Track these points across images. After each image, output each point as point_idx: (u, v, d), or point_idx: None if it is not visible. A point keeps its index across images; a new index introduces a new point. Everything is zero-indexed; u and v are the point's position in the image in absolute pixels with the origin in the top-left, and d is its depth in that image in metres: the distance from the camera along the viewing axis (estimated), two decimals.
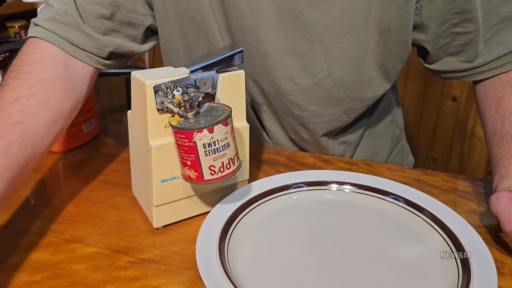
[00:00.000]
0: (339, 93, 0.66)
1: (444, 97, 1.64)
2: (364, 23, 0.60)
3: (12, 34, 1.97)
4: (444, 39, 0.62)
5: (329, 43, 0.61)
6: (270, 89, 0.66)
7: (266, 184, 0.56)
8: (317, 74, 0.64)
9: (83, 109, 0.72)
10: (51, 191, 0.60)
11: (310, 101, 0.66)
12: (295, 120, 0.69)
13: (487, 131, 0.60)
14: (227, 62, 0.50)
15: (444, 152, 1.72)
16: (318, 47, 0.61)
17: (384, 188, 0.56)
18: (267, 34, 0.61)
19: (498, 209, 0.48)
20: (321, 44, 0.61)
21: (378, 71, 0.65)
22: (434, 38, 0.62)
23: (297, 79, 0.64)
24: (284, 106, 0.68)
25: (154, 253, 0.48)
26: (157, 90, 0.46)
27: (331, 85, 0.65)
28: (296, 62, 0.63)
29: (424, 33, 0.62)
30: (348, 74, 0.64)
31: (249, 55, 0.64)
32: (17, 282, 0.44)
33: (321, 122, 0.69)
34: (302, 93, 0.65)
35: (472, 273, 0.42)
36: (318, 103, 0.67)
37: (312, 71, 0.63)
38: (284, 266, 0.45)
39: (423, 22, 0.60)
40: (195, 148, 0.44)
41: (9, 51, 0.72)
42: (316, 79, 0.64)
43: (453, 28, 0.60)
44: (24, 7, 1.83)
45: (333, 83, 0.64)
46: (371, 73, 0.65)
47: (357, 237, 0.50)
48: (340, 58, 0.62)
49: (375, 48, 0.63)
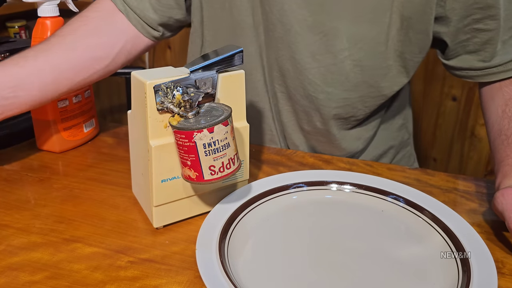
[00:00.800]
0: (357, 77, 0.66)
1: (444, 97, 1.64)
2: (388, 7, 0.60)
3: (12, 34, 1.97)
4: (465, 34, 0.62)
5: (352, 23, 0.61)
6: (289, 67, 0.66)
7: (266, 184, 0.56)
8: (338, 54, 0.64)
9: (83, 109, 0.72)
10: (51, 191, 0.60)
11: (328, 82, 0.66)
12: (310, 104, 0.69)
13: (492, 132, 0.60)
14: (227, 62, 0.50)
15: (444, 152, 1.72)
16: (341, 25, 0.61)
17: (384, 188, 0.56)
18: (292, 6, 0.62)
19: (504, 205, 0.48)
20: (344, 23, 0.61)
21: (397, 60, 0.65)
22: (455, 31, 0.62)
23: (317, 56, 0.64)
24: (301, 87, 0.67)
25: (154, 253, 0.48)
26: (157, 90, 0.46)
27: (350, 67, 0.64)
28: (318, 39, 0.63)
29: (446, 25, 0.62)
30: (368, 57, 0.64)
31: (272, 28, 0.64)
32: (17, 282, 0.44)
33: (336, 107, 0.68)
34: (321, 72, 0.65)
35: (472, 273, 0.42)
36: (335, 85, 0.66)
37: (333, 50, 0.63)
38: (284, 266, 0.45)
39: (446, 14, 0.61)
40: (195, 148, 0.44)
41: (9, 51, 0.72)
42: (336, 59, 0.64)
43: (475, 23, 0.60)
44: (24, 7, 1.83)
45: (352, 65, 0.64)
46: (389, 61, 0.65)
47: (357, 237, 0.50)
48: (362, 39, 0.62)
49: (396, 36, 0.63)
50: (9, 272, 0.45)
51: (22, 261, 0.46)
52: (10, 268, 0.45)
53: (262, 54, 0.69)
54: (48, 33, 0.66)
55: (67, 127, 0.70)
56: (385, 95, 0.69)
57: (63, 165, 0.67)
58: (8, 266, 0.46)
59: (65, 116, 0.69)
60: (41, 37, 0.66)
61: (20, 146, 0.72)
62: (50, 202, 0.57)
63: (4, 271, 0.45)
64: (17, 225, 0.52)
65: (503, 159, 0.55)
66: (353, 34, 0.62)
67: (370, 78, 0.66)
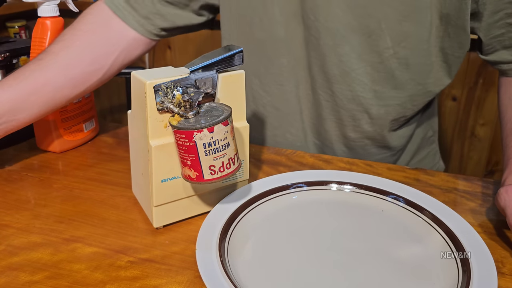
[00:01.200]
0: (403, 75, 0.67)
1: (444, 97, 1.64)
2: (428, 5, 0.62)
3: (12, 34, 1.97)
4: (499, 29, 0.63)
5: (394, 22, 0.63)
6: (335, 72, 0.68)
7: (266, 184, 0.56)
8: (383, 52, 0.66)
9: (83, 109, 0.72)
10: (51, 191, 0.60)
11: (375, 80, 0.68)
12: (358, 107, 0.70)
13: (505, 129, 0.62)
14: (227, 62, 0.50)
15: (444, 152, 1.72)
16: (384, 25, 0.63)
17: (384, 188, 0.56)
18: (336, 11, 0.64)
19: (507, 201, 0.48)
20: (387, 22, 0.63)
21: (438, 55, 0.67)
22: (487, 26, 0.64)
23: (363, 56, 0.66)
24: (348, 90, 0.69)
25: (154, 253, 0.48)
26: (157, 90, 0.46)
27: (396, 65, 0.66)
28: (363, 40, 0.65)
29: (478, 20, 0.64)
30: (413, 55, 0.66)
31: (317, 36, 0.67)
32: (17, 282, 0.44)
33: (385, 105, 0.69)
34: (367, 71, 0.67)
35: (472, 273, 0.42)
36: (382, 83, 0.68)
37: (377, 49, 0.65)
38: (284, 266, 0.45)
39: (479, 9, 0.62)
40: (195, 148, 0.44)
41: (9, 51, 0.72)
42: (381, 57, 0.66)
43: (508, 18, 0.61)
44: (24, 7, 1.83)
45: (398, 63, 0.66)
46: (432, 57, 0.67)
47: (357, 237, 0.50)
48: (405, 38, 0.64)
49: (435, 32, 0.65)
50: (9, 272, 0.45)
51: (22, 261, 0.46)
52: (10, 268, 0.45)
53: (297, 66, 0.71)
54: (48, 33, 0.66)
55: (67, 127, 0.70)
56: (432, 91, 0.70)
57: (63, 165, 0.67)
58: (8, 266, 0.46)
59: (65, 116, 0.69)
60: (41, 37, 0.66)
61: (20, 146, 0.72)
62: (50, 202, 0.57)
63: (4, 271, 0.45)
64: (17, 225, 0.52)
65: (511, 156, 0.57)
66: (396, 34, 0.64)
67: (416, 76, 0.68)
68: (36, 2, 0.65)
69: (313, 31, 0.67)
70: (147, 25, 0.70)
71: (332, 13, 0.64)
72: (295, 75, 0.72)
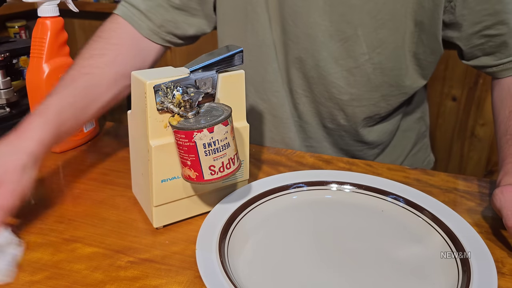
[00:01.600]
0: (378, 78, 0.69)
1: (444, 97, 1.64)
2: (403, 14, 0.64)
3: (12, 34, 1.97)
4: (479, 39, 0.65)
5: (371, 29, 0.65)
6: (313, 75, 0.70)
7: (266, 184, 0.56)
8: (358, 58, 0.68)
9: None
10: (51, 191, 0.60)
11: (351, 84, 0.70)
12: (335, 105, 0.72)
13: (499, 131, 0.63)
14: (227, 62, 0.50)
15: (444, 152, 1.72)
16: (360, 32, 0.65)
17: (384, 188, 0.56)
18: (316, 19, 0.66)
19: (502, 202, 0.49)
20: (363, 30, 0.65)
21: (412, 60, 0.69)
22: (467, 36, 0.65)
23: (340, 61, 0.68)
24: (325, 91, 0.71)
25: (154, 253, 0.48)
26: (157, 90, 0.46)
27: (370, 69, 0.68)
28: (340, 45, 0.67)
29: (457, 31, 0.66)
30: (387, 60, 0.68)
31: (297, 40, 0.69)
32: (17, 282, 0.44)
33: (359, 106, 0.72)
34: (343, 76, 0.69)
35: (472, 273, 0.42)
36: (358, 86, 0.70)
37: (353, 55, 0.67)
38: (284, 266, 0.45)
39: (457, 20, 0.64)
40: (195, 148, 0.44)
41: (9, 51, 0.72)
42: (357, 63, 0.68)
43: (486, 30, 0.63)
44: (24, 7, 1.83)
45: (372, 68, 0.68)
46: (406, 61, 0.69)
47: (357, 237, 0.50)
48: (380, 44, 0.66)
49: (409, 38, 0.66)
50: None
51: (22, 261, 0.46)
52: None
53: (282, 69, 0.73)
54: (48, 33, 0.66)
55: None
56: (406, 93, 0.72)
57: (63, 165, 0.67)
58: None
59: None
60: (41, 37, 0.66)
61: None
62: (50, 202, 0.57)
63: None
64: (17, 225, 0.52)
65: (506, 157, 0.57)
66: (371, 40, 0.66)
67: (390, 79, 0.70)
68: (36, 2, 0.65)
69: (292, 36, 0.69)
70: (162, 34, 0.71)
71: (311, 19, 0.66)
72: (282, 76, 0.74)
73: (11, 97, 0.75)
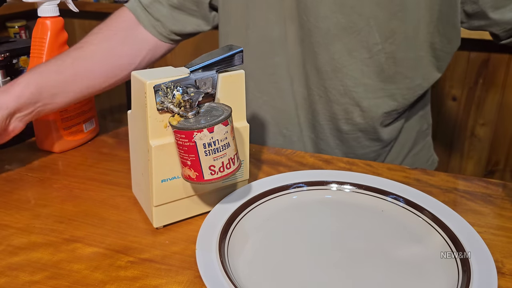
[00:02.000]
0: (391, 69, 0.70)
1: (444, 97, 1.64)
2: (416, 2, 0.64)
3: (12, 34, 1.97)
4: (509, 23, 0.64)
5: (383, 20, 0.65)
6: (327, 69, 0.70)
7: (266, 184, 0.56)
8: (372, 48, 0.68)
9: (83, 109, 0.72)
10: (51, 191, 0.60)
11: (365, 74, 0.70)
12: (351, 100, 0.72)
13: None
14: (227, 62, 0.50)
15: (444, 152, 1.72)
16: (373, 22, 0.66)
17: (384, 188, 0.56)
18: (326, 12, 0.67)
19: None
20: (375, 20, 0.66)
21: (428, 50, 0.69)
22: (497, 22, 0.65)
23: (354, 53, 0.69)
24: (340, 85, 0.71)
25: (154, 253, 0.48)
26: (157, 90, 0.46)
27: (383, 59, 0.69)
28: (353, 37, 0.68)
29: (484, 19, 0.66)
30: (400, 50, 0.68)
31: (309, 34, 0.69)
32: (17, 282, 0.44)
33: (376, 98, 0.72)
34: (358, 67, 0.69)
35: (472, 273, 0.42)
36: (372, 77, 0.70)
37: (367, 45, 0.68)
38: (284, 266, 0.45)
39: (481, 8, 0.64)
40: (195, 148, 0.44)
41: (9, 51, 0.72)
42: (370, 53, 0.68)
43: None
44: (24, 7, 1.83)
45: (385, 57, 0.68)
46: (421, 52, 0.69)
47: (357, 237, 0.50)
48: (392, 35, 0.66)
49: (425, 28, 0.66)
50: (9, 272, 0.45)
51: (22, 261, 0.46)
52: (10, 268, 0.45)
53: (291, 64, 0.73)
54: (48, 33, 0.66)
55: (67, 127, 0.70)
56: (421, 85, 0.72)
57: (63, 165, 0.67)
58: (8, 266, 0.46)
59: (65, 116, 0.69)
60: (41, 37, 0.66)
61: (20, 146, 0.72)
62: (50, 202, 0.57)
63: (4, 271, 0.45)
64: (17, 225, 0.52)
65: None
66: (384, 30, 0.66)
67: (403, 69, 0.70)
68: (36, 2, 0.65)
69: (306, 30, 0.69)
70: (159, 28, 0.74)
71: (321, 13, 0.66)
72: (289, 72, 0.74)
73: None
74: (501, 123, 1.61)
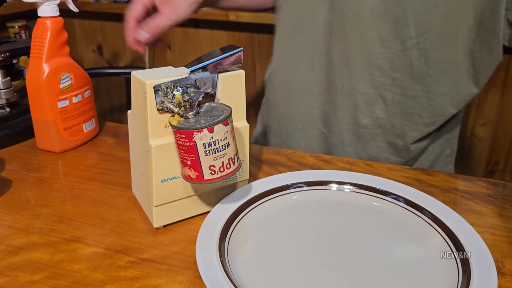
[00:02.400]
0: (421, 68, 0.67)
1: None
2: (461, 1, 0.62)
3: (12, 34, 1.97)
4: None
5: (421, 12, 0.63)
6: (356, 56, 0.69)
7: (266, 184, 0.56)
8: (405, 41, 0.65)
9: (83, 109, 0.72)
10: (51, 191, 0.60)
11: (394, 67, 0.68)
12: (375, 91, 0.70)
13: None
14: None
15: None
16: (410, 13, 0.63)
17: (384, 188, 0.56)
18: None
19: None
20: (414, 11, 0.63)
21: (466, 58, 0.66)
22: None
23: (387, 43, 0.67)
24: (367, 73, 0.69)
25: (154, 253, 0.48)
26: (157, 90, 0.46)
27: (416, 55, 0.66)
28: (388, 26, 0.65)
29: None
30: (434, 49, 0.65)
31: (343, 18, 0.67)
32: (17, 282, 0.44)
33: (400, 94, 0.69)
34: (388, 58, 0.67)
35: (472, 273, 0.42)
36: (401, 71, 0.68)
37: (401, 37, 0.66)
38: (284, 266, 0.45)
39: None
40: (195, 148, 0.44)
41: (9, 51, 0.72)
42: (403, 46, 0.66)
43: None
44: (24, 7, 1.83)
45: (418, 53, 0.66)
46: (458, 57, 0.66)
47: (357, 237, 0.50)
48: (429, 29, 0.64)
49: (467, 32, 0.64)
50: (9, 272, 0.45)
51: (22, 261, 0.46)
52: (10, 268, 0.45)
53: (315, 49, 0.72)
54: (48, 33, 0.66)
55: (67, 127, 0.70)
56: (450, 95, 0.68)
57: (63, 165, 0.67)
58: (8, 266, 0.46)
59: (65, 116, 0.69)
60: (41, 37, 0.66)
61: (20, 146, 0.72)
62: (50, 202, 0.57)
63: (4, 271, 0.45)
64: (17, 225, 0.52)
65: None
66: (421, 24, 0.64)
67: (434, 72, 0.67)
68: (36, 2, 0.65)
69: (339, 13, 0.67)
70: None
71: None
72: (310, 57, 0.72)
73: (11, 97, 0.75)
74: (501, 123, 1.61)
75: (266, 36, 1.85)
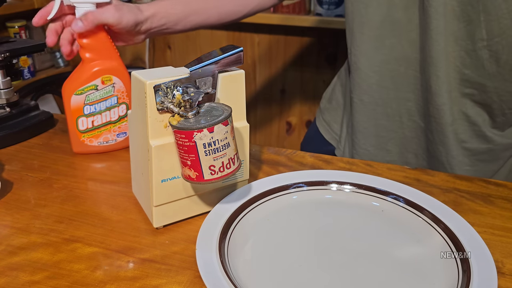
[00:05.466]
0: (492, 67, 0.69)
1: None
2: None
3: (12, 34, 1.97)
4: None
5: (493, 17, 0.65)
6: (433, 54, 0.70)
7: (266, 184, 0.56)
8: (477, 42, 0.68)
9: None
10: (51, 191, 0.60)
11: (466, 65, 0.70)
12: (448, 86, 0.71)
13: None
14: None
15: None
16: (483, 17, 0.65)
17: (384, 188, 0.56)
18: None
19: None
20: (486, 16, 0.65)
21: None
22: None
23: (460, 41, 0.69)
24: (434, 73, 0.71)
25: (154, 253, 0.48)
26: (157, 90, 0.46)
27: (486, 55, 0.68)
28: (462, 27, 0.68)
29: None
30: (504, 51, 0.67)
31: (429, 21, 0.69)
32: (17, 282, 0.44)
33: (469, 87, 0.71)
34: (461, 55, 0.69)
35: (472, 273, 0.42)
36: (472, 69, 0.70)
37: (473, 38, 0.68)
38: (284, 266, 0.45)
39: None
40: (195, 148, 0.44)
41: (9, 51, 0.72)
42: (475, 46, 0.68)
43: None
44: (24, 7, 1.84)
45: (488, 54, 0.68)
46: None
47: (357, 237, 0.50)
48: (500, 34, 0.66)
49: None
50: (9, 272, 0.45)
51: (22, 261, 0.46)
52: (10, 268, 0.45)
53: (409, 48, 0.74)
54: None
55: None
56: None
57: (63, 165, 0.67)
58: (8, 266, 0.46)
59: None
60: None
61: (20, 146, 0.72)
62: (50, 202, 0.57)
63: (4, 271, 0.45)
64: (17, 225, 0.52)
65: None
66: (492, 28, 0.65)
67: (505, 71, 0.68)
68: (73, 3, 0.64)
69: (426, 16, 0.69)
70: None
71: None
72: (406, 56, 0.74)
73: (11, 97, 0.75)
74: None
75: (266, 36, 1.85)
